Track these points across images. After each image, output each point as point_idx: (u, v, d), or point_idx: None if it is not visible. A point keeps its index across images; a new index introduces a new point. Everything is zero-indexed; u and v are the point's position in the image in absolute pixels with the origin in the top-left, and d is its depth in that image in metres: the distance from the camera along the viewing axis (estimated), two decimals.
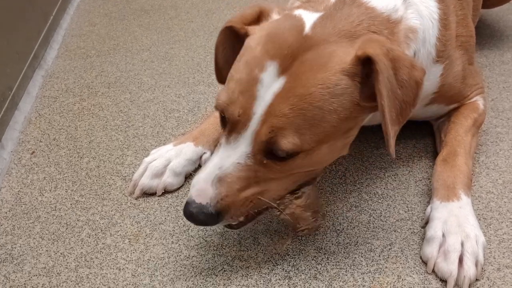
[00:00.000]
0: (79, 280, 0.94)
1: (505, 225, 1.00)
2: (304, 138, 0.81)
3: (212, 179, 0.84)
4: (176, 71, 1.60)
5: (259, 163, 0.84)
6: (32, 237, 1.03)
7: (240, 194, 0.85)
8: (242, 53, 0.87)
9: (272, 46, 0.83)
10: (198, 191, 0.85)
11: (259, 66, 0.82)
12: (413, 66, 0.83)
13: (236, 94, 0.83)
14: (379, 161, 1.18)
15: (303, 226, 0.95)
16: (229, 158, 0.84)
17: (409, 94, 0.83)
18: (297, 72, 0.80)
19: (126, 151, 1.26)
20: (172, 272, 0.94)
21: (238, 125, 0.83)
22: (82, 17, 2.01)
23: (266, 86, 0.81)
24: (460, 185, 0.99)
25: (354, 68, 0.80)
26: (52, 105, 1.45)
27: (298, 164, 0.85)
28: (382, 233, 1.00)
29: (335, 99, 0.80)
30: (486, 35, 1.67)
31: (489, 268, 0.92)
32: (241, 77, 0.83)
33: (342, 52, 0.81)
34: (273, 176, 0.86)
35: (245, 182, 0.84)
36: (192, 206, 0.84)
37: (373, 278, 0.91)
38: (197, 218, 0.85)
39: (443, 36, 1.00)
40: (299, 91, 0.79)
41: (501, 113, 1.31)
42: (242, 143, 0.83)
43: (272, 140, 0.80)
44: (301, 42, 0.82)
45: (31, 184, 1.17)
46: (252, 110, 0.81)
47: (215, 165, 0.85)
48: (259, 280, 0.92)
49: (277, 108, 0.80)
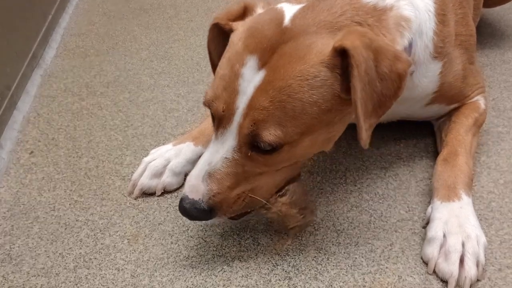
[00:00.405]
0: (77, 280, 0.93)
1: (506, 225, 1.00)
2: (286, 130, 0.82)
3: (203, 175, 0.86)
4: (176, 70, 1.59)
5: (245, 156, 0.85)
6: (30, 237, 1.03)
7: (231, 192, 0.87)
8: (226, 49, 0.89)
9: (252, 40, 0.84)
10: (191, 187, 0.87)
11: (240, 61, 0.83)
12: (397, 58, 0.83)
13: (220, 90, 0.84)
14: (380, 161, 1.18)
15: (292, 223, 0.95)
16: (217, 153, 0.86)
17: (389, 87, 0.83)
18: (276, 65, 0.81)
19: (125, 151, 1.25)
20: (172, 272, 0.94)
21: (223, 120, 0.85)
22: (81, 16, 2.01)
23: (247, 80, 0.82)
24: (460, 185, 0.99)
25: (333, 60, 0.80)
26: (51, 105, 1.45)
27: (283, 157, 0.87)
28: (382, 233, 0.99)
29: (315, 91, 0.81)
30: (487, 34, 1.66)
31: (490, 268, 0.91)
32: (224, 73, 0.85)
33: (321, 44, 0.81)
34: (260, 171, 0.88)
35: (234, 179, 0.86)
36: (185, 201, 0.87)
37: (374, 278, 0.91)
38: (190, 214, 0.87)
39: (440, 32, 1.00)
40: (278, 83, 0.80)
41: (502, 112, 1.31)
42: (228, 137, 0.85)
43: (254, 132, 0.82)
44: (280, 35, 0.83)
45: (29, 184, 1.16)
46: (235, 105, 0.83)
47: (205, 161, 0.87)
48: (259, 281, 0.92)
49: (257, 101, 0.81)
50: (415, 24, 0.94)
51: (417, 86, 1.02)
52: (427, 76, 1.02)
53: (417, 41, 0.96)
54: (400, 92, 0.85)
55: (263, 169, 0.88)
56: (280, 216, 0.93)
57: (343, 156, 1.19)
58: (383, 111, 0.85)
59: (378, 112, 0.84)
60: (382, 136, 1.25)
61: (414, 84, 1.02)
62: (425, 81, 1.03)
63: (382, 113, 0.85)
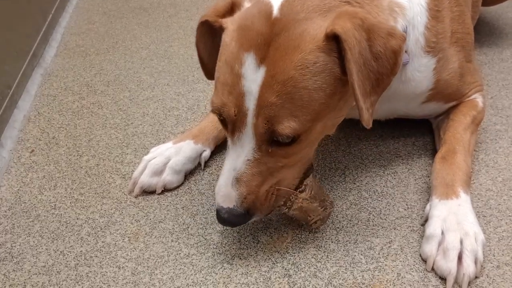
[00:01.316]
0: (79, 278, 0.94)
1: (504, 222, 1.00)
2: (299, 120, 0.82)
3: (230, 182, 0.87)
4: (175, 69, 1.60)
5: (266, 153, 0.86)
6: (31, 236, 1.03)
7: (260, 189, 0.88)
8: (221, 52, 0.88)
9: (245, 38, 0.83)
10: (223, 197, 0.88)
11: (237, 61, 0.83)
12: (391, 34, 0.83)
13: (226, 95, 0.84)
14: (379, 159, 1.18)
15: (315, 217, 0.96)
16: (239, 157, 0.86)
17: (385, 65, 0.83)
18: (274, 59, 0.81)
19: (126, 149, 1.26)
20: (172, 270, 0.94)
21: (237, 123, 0.84)
22: (81, 15, 2.01)
23: (250, 80, 0.82)
24: (459, 182, 0.99)
25: (328, 45, 0.81)
26: (51, 104, 1.45)
27: (301, 146, 0.87)
28: (381, 231, 1.00)
29: (317, 77, 0.81)
30: (486, 32, 1.67)
31: (489, 265, 0.92)
32: (225, 77, 0.84)
33: (313, 29, 0.81)
34: (281, 164, 0.88)
35: (260, 177, 0.87)
36: (222, 212, 0.88)
37: (373, 276, 0.91)
38: (230, 221, 0.89)
39: (433, 27, 1.00)
40: (280, 77, 0.80)
41: (500, 110, 1.31)
42: (245, 139, 0.85)
43: (270, 129, 0.82)
44: (271, 27, 0.82)
45: (30, 182, 1.17)
46: (244, 106, 0.83)
47: (229, 168, 0.87)
48: (259, 278, 0.92)
49: (265, 99, 0.81)
50: (409, 13, 0.95)
51: (410, 80, 1.03)
52: (421, 70, 1.02)
53: (410, 33, 0.96)
54: (397, 69, 0.85)
55: (284, 162, 0.88)
56: (303, 211, 0.94)
57: (342, 154, 1.20)
58: (382, 89, 0.86)
59: (377, 90, 0.85)
60: (381, 134, 1.25)
61: (407, 77, 1.02)
62: (419, 75, 1.03)
63: (381, 91, 0.86)
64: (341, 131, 1.26)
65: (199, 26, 0.95)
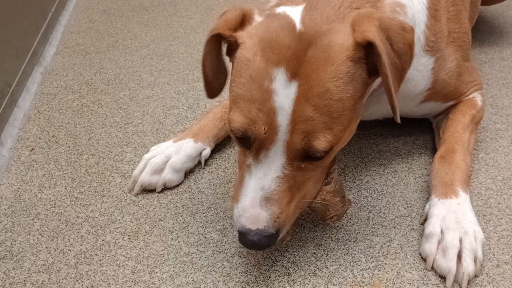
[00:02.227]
0: (78, 276, 0.94)
1: (504, 221, 1.00)
2: (334, 132, 0.81)
3: (259, 202, 0.83)
4: (176, 67, 1.60)
5: (297, 169, 0.84)
6: (31, 234, 1.03)
7: (290, 206, 0.85)
8: (240, 67, 0.84)
9: (272, 52, 0.81)
10: (251, 218, 0.83)
11: (267, 77, 0.80)
12: (404, 29, 0.84)
13: (255, 112, 0.81)
14: (379, 158, 1.18)
15: (333, 212, 0.95)
16: (267, 175, 0.83)
17: (406, 59, 0.84)
18: (306, 73, 0.79)
19: (126, 148, 1.26)
20: (172, 268, 0.94)
21: (265, 141, 0.81)
22: (81, 14, 2.01)
23: (281, 95, 0.79)
24: (458, 182, 1.00)
25: (357, 53, 0.81)
26: (51, 102, 1.45)
27: (331, 156, 0.87)
28: (381, 229, 1.00)
29: (350, 86, 0.81)
30: (486, 31, 1.67)
31: (488, 264, 0.92)
32: (253, 94, 0.81)
33: (339, 39, 0.81)
34: (309, 176, 0.87)
35: (290, 193, 0.84)
36: (251, 235, 0.83)
37: (373, 274, 0.91)
38: (261, 244, 0.84)
39: (432, 26, 1.00)
40: (316, 90, 0.79)
41: (500, 109, 1.31)
42: (274, 157, 0.82)
43: (307, 146, 0.80)
44: (298, 41, 0.81)
45: (30, 181, 1.17)
46: (276, 123, 0.80)
47: (255, 188, 0.84)
48: (259, 277, 0.92)
49: (301, 113, 0.79)
50: (410, 11, 0.95)
51: (410, 79, 1.03)
52: (419, 70, 1.03)
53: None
54: (412, 60, 0.86)
55: (311, 174, 0.87)
56: (324, 204, 0.93)
57: (342, 153, 1.20)
58: (400, 84, 0.86)
59: (400, 84, 0.85)
60: (380, 133, 1.25)
61: (407, 77, 1.02)
62: (418, 75, 1.03)
63: (400, 84, 0.86)
64: None
65: (209, 40, 0.89)
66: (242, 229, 0.84)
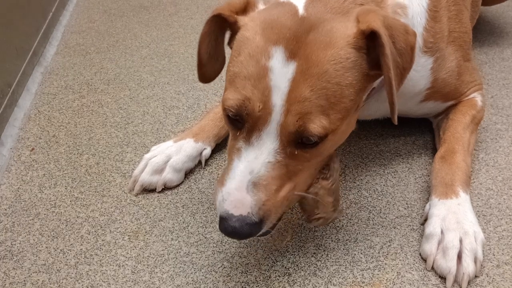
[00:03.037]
0: (78, 276, 0.94)
1: (504, 221, 1.00)
2: (330, 119, 0.80)
3: (246, 186, 0.79)
4: (176, 68, 1.60)
5: (289, 156, 0.81)
6: (31, 234, 1.03)
7: (278, 195, 0.81)
8: (239, 47, 0.84)
9: (272, 32, 0.81)
10: (234, 203, 0.79)
11: (265, 54, 0.79)
12: (407, 31, 0.84)
13: (249, 89, 0.79)
14: (379, 158, 1.18)
15: (321, 213, 0.90)
16: (257, 159, 0.80)
17: (407, 60, 0.84)
18: (306, 54, 0.79)
19: (126, 148, 1.26)
20: (172, 268, 0.94)
21: (258, 122, 0.79)
22: (82, 14, 2.01)
23: (278, 74, 0.78)
24: (458, 182, 1.00)
25: (358, 41, 0.80)
26: (52, 102, 1.45)
27: (326, 147, 0.84)
28: (381, 230, 1.00)
29: (349, 73, 0.80)
30: (486, 32, 1.67)
31: (488, 264, 0.92)
32: (249, 71, 0.80)
33: (341, 27, 0.81)
34: (302, 167, 0.84)
35: (280, 181, 0.81)
36: (232, 220, 0.78)
37: (373, 274, 0.91)
38: (242, 232, 0.79)
39: (431, 28, 1.01)
40: (314, 71, 0.78)
41: (501, 110, 1.31)
42: (267, 140, 0.80)
43: (301, 128, 0.78)
44: (299, 24, 0.81)
45: (30, 181, 1.17)
46: (271, 103, 0.78)
47: (244, 171, 0.80)
48: (259, 277, 0.92)
49: (297, 94, 0.77)
50: (410, 13, 0.95)
51: (408, 79, 1.02)
52: (417, 70, 1.03)
53: None
54: (413, 64, 0.86)
55: (304, 165, 0.84)
56: (314, 200, 0.88)
57: (342, 153, 1.20)
58: (401, 85, 0.86)
59: (400, 85, 0.85)
60: (381, 133, 1.25)
61: None
62: (416, 75, 1.03)
63: (401, 86, 0.86)
64: None
65: (209, 20, 0.90)
66: (224, 214, 0.79)
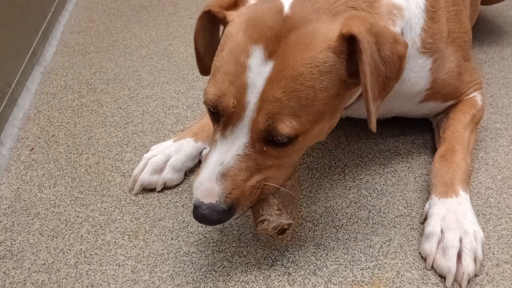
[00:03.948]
0: (78, 276, 0.94)
1: (504, 220, 1.00)
2: (301, 120, 0.81)
3: (215, 177, 0.83)
4: (175, 67, 1.60)
5: (258, 151, 0.84)
6: (31, 234, 1.03)
7: (245, 184, 0.84)
8: (223, 42, 0.86)
9: (254, 30, 0.82)
10: (204, 192, 0.83)
11: (244, 52, 0.81)
12: (396, 41, 0.84)
13: (226, 84, 0.81)
14: (378, 157, 1.18)
15: (265, 214, 0.88)
16: (229, 152, 0.83)
17: (392, 69, 0.84)
18: (283, 54, 0.80)
19: (125, 147, 1.26)
20: (172, 268, 0.95)
21: (233, 116, 0.82)
22: (81, 13, 2.01)
23: (255, 72, 0.80)
24: (458, 181, 1.00)
25: (339, 45, 0.80)
26: (51, 102, 1.45)
27: (295, 148, 0.86)
28: (381, 229, 1.00)
29: (325, 77, 0.81)
30: (486, 31, 1.67)
31: (488, 263, 0.92)
32: (228, 67, 0.82)
33: (325, 29, 0.81)
34: (272, 163, 0.86)
35: (247, 172, 0.84)
36: (202, 208, 0.83)
37: (373, 273, 0.91)
38: (211, 219, 0.84)
39: (429, 28, 1.00)
40: (288, 72, 0.79)
41: (500, 109, 1.31)
42: (239, 134, 0.83)
43: (270, 127, 0.80)
44: (282, 23, 0.81)
45: (30, 180, 1.17)
46: (245, 99, 0.80)
47: (216, 162, 0.84)
48: (259, 276, 0.92)
49: (270, 93, 0.79)
50: (407, 14, 0.95)
51: (405, 80, 1.03)
52: (416, 71, 1.03)
53: (407, 34, 0.97)
54: (401, 74, 0.86)
55: (273, 161, 0.86)
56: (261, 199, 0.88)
57: (342, 153, 1.20)
58: (386, 93, 0.86)
59: (382, 94, 0.85)
60: (380, 133, 1.25)
61: (402, 77, 1.02)
62: (414, 76, 1.03)
63: (385, 95, 0.86)
64: (340, 130, 1.26)
65: (200, 16, 0.92)
66: (196, 202, 0.84)
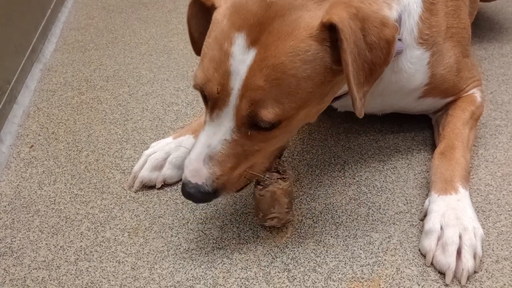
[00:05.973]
0: (78, 273, 0.94)
1: (503, 217, 1.00)
2: (284, 107, 0.81)
3: (203, 158, 0.86)
4: (175, 64, 1.59)
5: (244, 136, 0.85)
6: (31, 231, 1.03)
7: (233, 172, 0.87)
8: (211, 28, 0.86)
9: (238, 17, 0.82)
10: (192, 172, 0.87)
11: (227, 39, 0.81)
12: (384, 24, 0.83)
13: (211, 71, 0.83)
14: (378, 154, 1.18)
15: (276, 212, 0.94)
16: (216, 135, 0.85)
17: (379, 55, 0.83)
18: (266, 42, 0.80)
19: (125, 144, 1.26)
20: (172, 265, 0.95)
21: (218, 101, 0.83)
22: (80, 10, 2.01)
23: (238, 60, 0.80)
24: (457, 178, 1.00)
25: (322, 34, 0.80)
26: (51, 99, 1.45)
27: (281, 132, 0.87)
28: (381, 225, 1.00)
29: (308, 66, 0.81)
30: (485, 27, 1.66)
31: (488, 260, 0.92)
32: (213, 54, 0.83)
33: (308, 17, 0.81)
34: (258, 148, 0.88)
35: (235, 159, 0.86)
36: (189, 186, 0.87)
37: (372, 270, 0.92)
38: (195, 197, 0.88)
39: (426, 19, 1.00)
40: (270, 61, 0.79)
41: (500, 106, 1.31)
42: (225, 118, 0.84)
43: (253, 113, 0.81)
44: (265, 10, 0.81)
45: (30, 178, 1.17)
46: (229, 86, 0.81)
47: (204, 144, 0.86)
48: (259, 273, 0.92)
49: (252, 81, 0.80)
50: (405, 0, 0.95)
51: (402, 70, 1.02)
52: (413, 62, 1.02)
53: (405, 20, 0.96)
54: (390, 58, 0.85)
55: (260, 146, 0.88)
56: (272, 198, 0.93)
57: (341, 150, 1.20)
58: (374, 79, 0.85)
59: (370, 80, 0.85)
60: (380, 129, 1.25)
61: (399, 67, 1.02)
62: (411, 67, 1.03)
63: (374, 81, 0.86)
64: (340, 126, 1.26)
65: (191, 4, 0.93)
66: (184, 179, 0.88)
